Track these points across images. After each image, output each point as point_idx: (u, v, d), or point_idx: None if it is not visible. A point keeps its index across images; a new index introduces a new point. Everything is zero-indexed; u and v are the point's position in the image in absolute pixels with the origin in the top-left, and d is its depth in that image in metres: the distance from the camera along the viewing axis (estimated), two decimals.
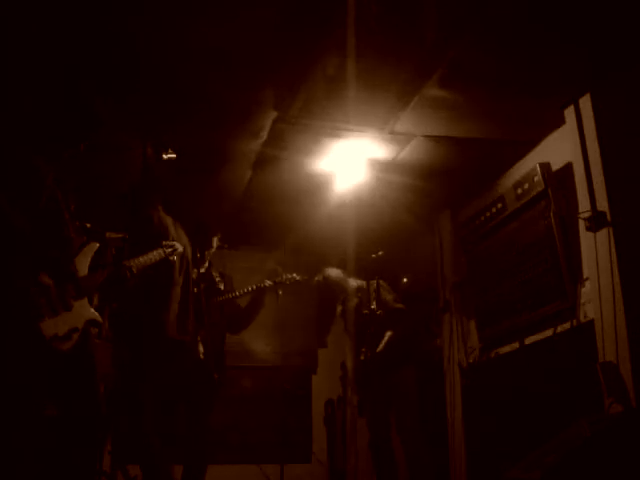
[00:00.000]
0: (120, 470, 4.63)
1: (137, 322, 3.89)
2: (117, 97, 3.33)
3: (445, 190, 4.79)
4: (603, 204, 3.32)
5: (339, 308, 4.90)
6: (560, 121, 3.71)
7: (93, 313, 2.63)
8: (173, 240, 3.42)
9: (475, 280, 4.54)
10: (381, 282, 4.75)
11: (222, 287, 4.32)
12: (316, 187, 4.70)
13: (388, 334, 4.54)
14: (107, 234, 3.31)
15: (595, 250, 3.33)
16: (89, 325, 2.60)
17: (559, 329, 3.67)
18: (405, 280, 5.61)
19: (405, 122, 3.79)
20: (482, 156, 4.25)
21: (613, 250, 3.22)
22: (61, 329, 2.42)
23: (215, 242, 4.27)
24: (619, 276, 3.17)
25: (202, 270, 4.17)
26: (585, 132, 3.47)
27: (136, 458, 3.57)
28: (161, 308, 3.56)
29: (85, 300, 2.61)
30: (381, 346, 4.49)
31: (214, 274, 4.34)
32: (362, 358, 4.47)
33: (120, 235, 3.53)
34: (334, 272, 4.87)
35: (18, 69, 3.15)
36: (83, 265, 2.63)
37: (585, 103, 3.49)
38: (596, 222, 3.32)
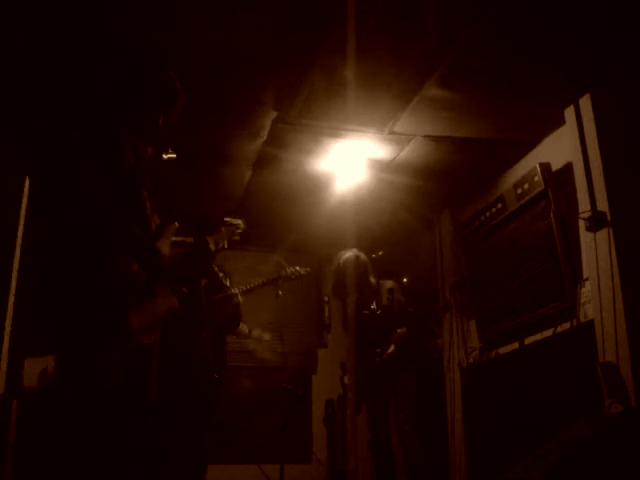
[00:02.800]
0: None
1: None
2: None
3: (445, 190, 4.79)
4: (603, 204, 3.32)
5: (327, 307, 4.85)
6: (560, 121, 3.71)
7: (174, 301, 2.49)
8: None
9: (475, 280, 4.54)
10: (393, 283, 4.76)
11: (228, 283, 4.33)
12: (316, 187, 4.70)
13: (401, 334, 4.52)
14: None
15: (595, 250, 3.33)
16: (168, 314, 2.45)
17: (559, 329, 3.67)
18: (405, 280, 5.61)
19: (405, 122, 3.79)
20: (482, 156, 4.25)
21: (613, 250, 3.22)
22: (145, 320, 2.33)
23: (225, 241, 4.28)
24: (619, 276, 3.17)
25: None
26: (585, 132, 3.47)
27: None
28: None
29: (167, 287, 2.47)
30: (393, 347, 4.46)
31: (215, 269, 4.34)
32: (377, 359, 4.46)
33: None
34: (364, 256, 4.75)
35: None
36: (164, 249, 2.46)
37: (585, 103, 3.49)
38: (596, 222, 3.32)
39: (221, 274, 4.34)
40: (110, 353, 2.23)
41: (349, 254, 4.64)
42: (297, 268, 4.46)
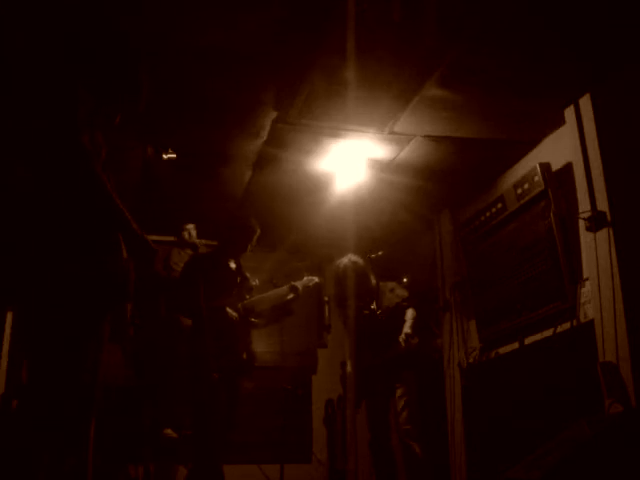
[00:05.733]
0: (120, 470, 4.65)
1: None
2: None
3: (445, 190, 4.79)
4: (603, 204, 3.32)
5: (327, 307, 4.86)
6: (560, 121, 3.71)
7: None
8: None
9: (475, 280, 4.54)
10: (395, 284, 4.76)
11: (257, 283, 4.38)
12: (316, 187, 4.70)
13: (411, 314, 4.51)
14: None
15: (595, 250, 3.33)
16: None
17: (559, 329, 3.67)
18: (405, 280, 5.61)
19: (405, 122, 3.79)
20: (482, 156, 4.25)
21: (613, 250, 3.22)
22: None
23: (254, 240, 4.35)
24: (619, 276, 3.17)
25: (233, 265, 4.23)
26: (585, 132, 3.47)
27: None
28: None
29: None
30: (408, 325, 4.44)
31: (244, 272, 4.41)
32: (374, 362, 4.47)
33: None
34: (362, 261, 4.74)
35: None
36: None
37: (585, 103, 3.49)
38: (596, 222, 3.32)
39: (248, 274, 4.39)
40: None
41: (345, 261, 4.65)
42: (314, 278, 4.58)
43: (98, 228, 2.20)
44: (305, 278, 4.56)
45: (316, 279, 4.55)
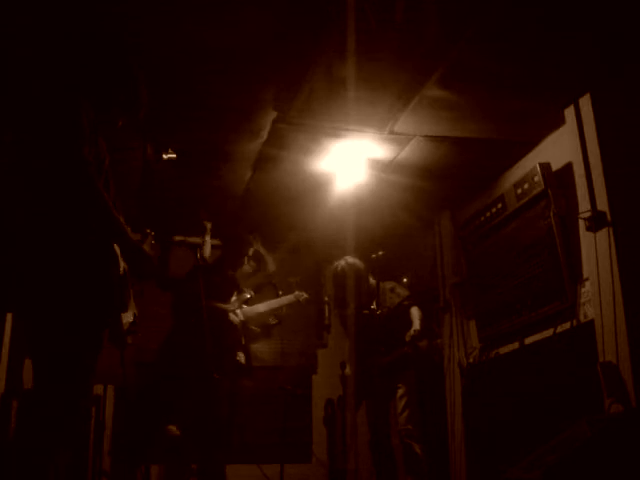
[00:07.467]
0: (120, 470, 4.66)
1: None
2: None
3: (445, 190, 4.79)
4: (603, 204, 3.32)
5: (327, 307, 4.87)
6: (560, 121, 3.70)
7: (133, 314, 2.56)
8: None
9: (475, 280, 4.54)
10: (395, 283, 4.77)
11: (252, 296, 4.46)
12: (316, 187, 4.70)
13: (417, 312, 4.53)
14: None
15: (595, 250, 3.33)
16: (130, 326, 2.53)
17: (559, 329, 3.66)
18: (405, 280, 5.61)
19: (405, 122, 3.79)
20: (482, 156, 4.25)
21: (613, 250, 3.22)
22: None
23: (251, 251, 4.45)
24: (619, 276, 3.17)
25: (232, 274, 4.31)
26: (585, 132, 3.47)
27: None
28: None
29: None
30: (416, 323, 4.45)
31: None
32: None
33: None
34: (359, 262, 4.77)
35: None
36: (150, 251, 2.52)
37: (585, 103, 3.49)
38: (596, 222, 3.32)
39: (244, 288, 4.45)
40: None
41: (343, 263, 4.66)
42: (304, 294, 4.66)
43: (95, 239, 2.23)
44: (295, 293, 4.62)
45: (305, 295, 4.62)
